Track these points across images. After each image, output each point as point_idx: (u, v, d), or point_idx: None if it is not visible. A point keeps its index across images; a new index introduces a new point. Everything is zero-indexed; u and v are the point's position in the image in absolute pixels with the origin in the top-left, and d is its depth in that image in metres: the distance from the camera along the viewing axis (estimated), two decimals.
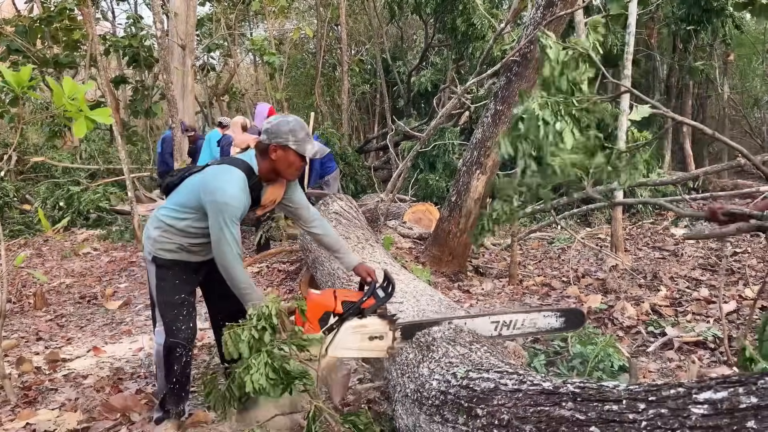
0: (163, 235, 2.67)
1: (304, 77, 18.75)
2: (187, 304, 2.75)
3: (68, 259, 7.34)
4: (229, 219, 2.48)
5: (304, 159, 2.66)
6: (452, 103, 6.46)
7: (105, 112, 3.53)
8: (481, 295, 5.19)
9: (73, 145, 13.48)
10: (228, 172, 2.56)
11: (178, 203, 2.67)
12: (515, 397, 1.91)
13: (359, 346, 2.64)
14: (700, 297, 4.68)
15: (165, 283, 2.70)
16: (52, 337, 4.52)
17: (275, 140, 2.58)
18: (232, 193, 2.49)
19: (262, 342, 2.30)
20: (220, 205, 2.47)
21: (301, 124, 2.65)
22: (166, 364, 2.71)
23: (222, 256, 2.53)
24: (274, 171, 2.65)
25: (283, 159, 2.61)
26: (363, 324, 2.64)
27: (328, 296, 2.66)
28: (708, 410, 1.30)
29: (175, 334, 2.69)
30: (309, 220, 2.94)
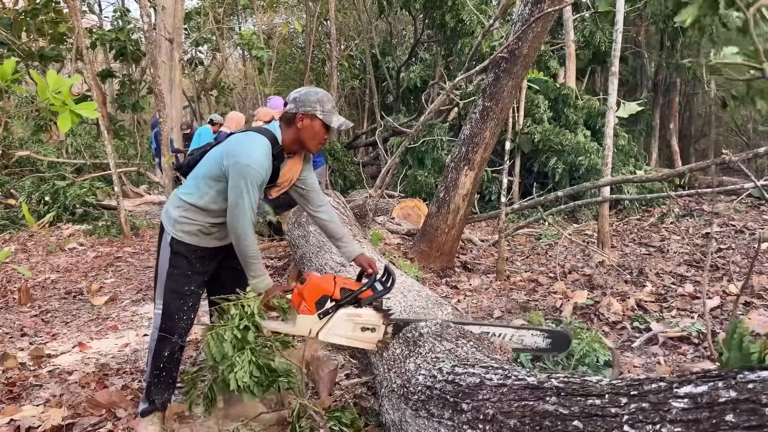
0: (184, 216, 2.64)
1: (293, 72, 18.70)
2: (194, 296, 2.73)
3: (54, 254, 7.27)
4: (251, 183, 2.46)
5: (329, 131, 2.66)
6: (441, 99, 6.46)
7: (90, 106, 3.50)
8: (468, 290, 5.21)
9: (58, 140, 13.34)
10: (253, 137, 2.56)
11: (200, 176, 2.64)
12: (500, 392, 1.93)
13: (350, 335, 2.64)
14: (685, 293, 4.73)
15: (178, 271, 2.67)
16: (36, 333, 4.48)
17: (303, 109, 2.58)
18: (256, 157, 2.47)
19: (246, 341, 2.31)
20: (242, 168, 2.45)
21: (328, 96, 2.65)
22: (156, 348, 2.70)
23: (235, 222, 2.51)
24: (299, 141, 2.64)
25: (309, 128, 2.60)
26: (358, 313, 2.64)
27: (328, 280, 2.66)
28: (688, 404, 1.32)
29: (173, 322, 2.67)
30: (317, 204, 2.92)
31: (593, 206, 8.12)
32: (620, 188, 8.76)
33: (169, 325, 2.67)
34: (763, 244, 5.88)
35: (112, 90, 17.33)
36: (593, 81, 14.30)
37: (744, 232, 6.93)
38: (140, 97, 14.17)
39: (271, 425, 2.84)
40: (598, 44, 11.85)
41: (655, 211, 8.96)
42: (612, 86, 6.28)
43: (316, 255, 4.67)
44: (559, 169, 9.27)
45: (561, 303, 4.65)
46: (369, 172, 12.39)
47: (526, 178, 9.78)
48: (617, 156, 9.41)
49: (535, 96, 9.80)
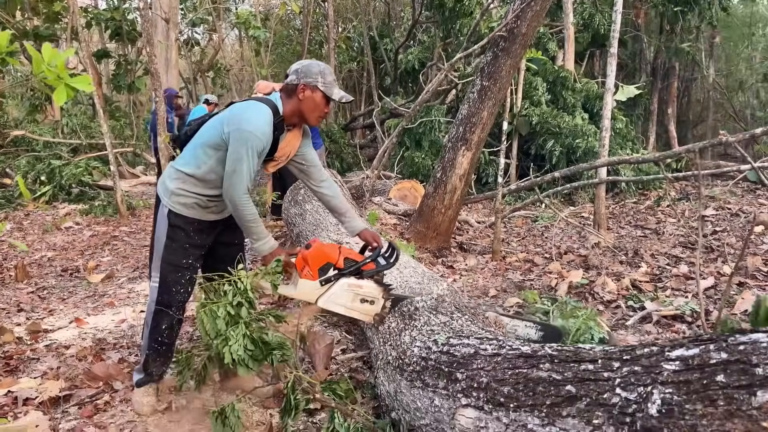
0: (181, 188, 2.61)
1: (290, 54, 18.55)
2: (191, 270, 2.71)
3: (50, 233, 7.26)
4: (251, 150, 2.44)
5: (329, 104, 2.65)
6: (439, 78, 6.43)
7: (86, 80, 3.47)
8: (464, 270, 5.23)
9: (54, 120, 13.27)
10: (256, 105, 2.54)
11: (198, 145, 2.61)
12: (494, 361, 1.95)
13: (350, 305, 2.65)
14: (679, 273, 4.76)
15: (175, 244, 2.64)
16: (33, 309, 4.49)
17: (305, 80, 2.56)
18: (258, 124, 2.46)
19: (239, 317, 2.31)
20: (244, 134, 2.43)
21: (330, 69, 2.64)
22: (154, 321, 2.68)
23: (231, 189, 2.49)
24: (299, 113, 2.62)
25: (310, 100, 2.59)
26: (359, 284, 2.65)
27: (333, 249, 2.66)
28: (679, 366, 1.34)
29: (171, 295, 2.65)
30: (319, 179, 2.89)
31: (590, 189, 8.13)
32: (617, 171, 8.77)
33: (166, 298, 2.65)
34: (758, 226, 5.90)
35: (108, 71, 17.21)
36: (592, 64, 14.24)
37: (739, 216, 6.96)
38: (136, 77, 14.08)
39: (267, 398, 2.87)
40: (597, 27, 11.79)
41: (652, 194, 8.98)
42: (611, 67, 6.25)
43: (313, 233, 4.67)
44: (557, 152, 9.26)
45: (556, 282, 4.68)
46: (366, 154, 12.37)
47: (524, 160, 9.77)
48: (614, 139, 9.40)
49: (533, 78, 9.77)
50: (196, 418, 2.67)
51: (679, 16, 12.24)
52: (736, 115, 16.00)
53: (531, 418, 1.63)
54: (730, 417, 1.18)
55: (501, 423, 1.72)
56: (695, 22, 12.85)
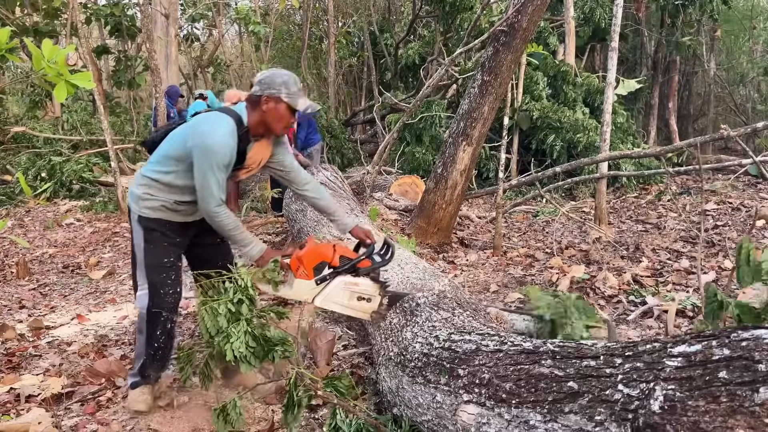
0: (148, 192, 2.61)
1: (290, 49, 18.51)
2: (175, 267, 2.70)
3: (51, 229, 7.27)
4: (216, 164, 2.44)
5: (295, 114, 2.62)
6: (439, 73, 6.42)
7: (86, 77, 3.47)
8: (465, 265, 5.23)
9: (54, 116, 13.26)
10: (217, 117, 2.52)
11: (163, 155, 2.61)
12: (496, 357, 1.95)
13: (346, 303, 2.65)
14: (680, 268, 4.75)
15: (153, 246, 2.64)
16: (35, 306, 4.50)
17: (268, 91, 2.54)
18: (220, 138, 2.45)
19: (240, 314, 2.31)
20: (207, 149, 2.43)
21: (294, 78, 2.61)
22: (148, 328, 2.66)
23: (204, 204, 2.50)
24: (264, 124, 2.60)
25: (274, 111, 2.56)
26: (355, 282, 2.65)
27: (328, 248, 2.66)
28: (682, 362, 1.34)
29: (161, 298, 2.64)
30: (302, 182, 2.89)
31: (591, 183, 8.12)
32: (618, 166, 8.76)
33: (157, 301, 2.63)
34: (759, 220, 5.90)
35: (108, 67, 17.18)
36: (592, 59, 14.20)
37: (741, 210, 6.95)
38: (136, 73, 14.05)
39: (269, 394, 2.87)
40: (597, 21, 11.75)
41: (653, 188, 8.97)
42: (611, 61, 6.24)
43: (314, 229, 4.68)
44: (557, 147, 9.25)
45: (557, 278, 4.68)
46: (367, 150, 12.34)
47: (524, 155, 9.76)
48: (615, 133, 9.38)
49: (534, 73, 9.74)
50: (199, 414, 2.68)
51: (679, 10, 12.21)
52: (737, 109, 15.97)
53: (533, 414, 1.63)
54: (732, 413, 1.18)
55: (503, 419, 1.73)
56: (696, 16, 12.83)
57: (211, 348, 2.45)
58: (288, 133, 7.48)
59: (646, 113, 14.06)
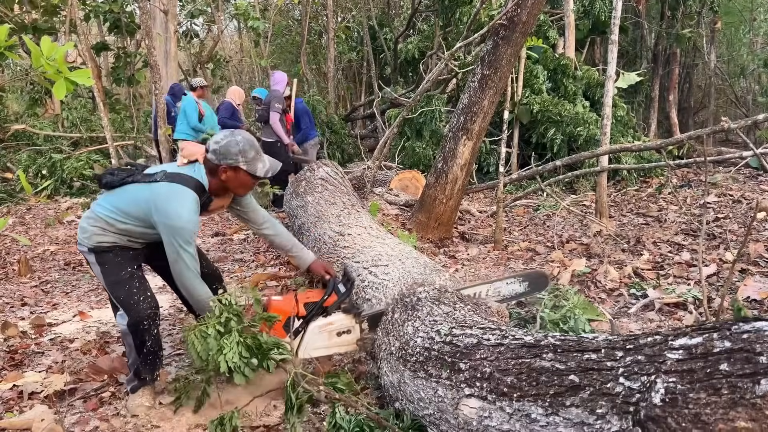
0: (101, 231, 2.61)
1: (289, 45, 18.47)
2: (136, 277, 2.69)
3: (52, 227, 7.27)
4: (185, 241, 2.48)
5: (257, 177, 2.64)
6: (439, 67, 6.40)
7: (85, 74, 3.46)
8: (466, 260, 5.23)
9: (54, 113, 13.25)
10: (180, 193, 2.50)
11: (120, 210, 2.59)
12: (497, 351, 1.95)
13: (328, 343, 2.69)
14: (681, 261, 4.75)
15: (108, 266, 2.64)
16: (37, 303, 4.51)
17: (225, 161, 2.55)
18: (188, 217, 2.47)
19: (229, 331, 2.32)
20: (176, 230, 2.45)
21: (250, 142, 2.60)
22: (135, 341, 2.66)
23: (181, 277, 2.54)
24: (225, 189, 2.65)
25: (234, 179, 2.60)
26: (329, 322, 2.69)
27: (289, 301, 2.70)
28: (683, 355, 1.34)
29: (135, 309, 2.62)
30: (259, 222, 2.95)
31: (591, 177, 8.11)
32: (619, 159, 8.74)
33: (133, 314, 2.63)
34: (760, 213, 5.89)
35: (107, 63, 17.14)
36: (592, 52, 14.16)
37: (741, 202, 6.94)
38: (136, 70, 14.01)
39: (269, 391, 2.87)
40: (597, 14, 11.70)
41: (653, 181, 8.96)
42: (611, 54, 6.22)
43: (315, 225, 4.68)
44: (558, 140, 9.23)
45: (558, 271, 4.68)
46: (367, 145, 12.33)
47: (524, 149, 9.74)
48: (616, 127, 9.36)
49: (534, 66, 9.72)
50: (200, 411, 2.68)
51: (679, 2, 12.17)
52: (737, 101, 15.93)
53: (534, 408, 1.63)
54: (734, 406, 1.18)
55: (504, 413, 1.73)
56: (696, 8, 12.78)
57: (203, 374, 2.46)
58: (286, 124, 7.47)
59: (646, 106, 14.02)
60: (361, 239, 4.11)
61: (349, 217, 4.62)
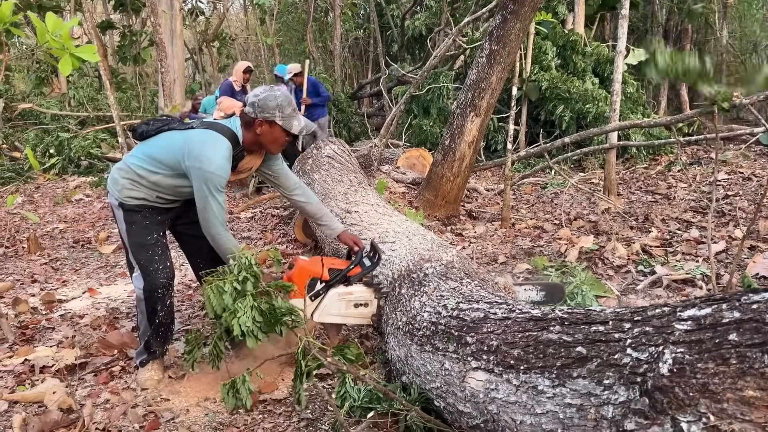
0: (132, 184, 2.61)
1: (295, 22, 18.31)
2: (160, 244, 2.70)
3: (61, 205, 7.31)
4: (215, 188, 2.46)
5: (290, 135, 2.63)
6: (446, 43, 6.33)
7: (90, 49, 3.45)
8: (473, 237, 5.22)
9: (60, 92, 13.24)
10: (215, 140, 2.50)
11: (154, 157, 2.59)
12: (504, 325, 1.95)
13: (344, 312, 2.69)
14: (690, 238, 4.73)
15: (135, 226, 2.65)
16: (47, 280, 4.55)
17: (261, 115, 2.54)
18: (219, 163, 2.46)
19: (245, 291, 2.33)
20: (207, 174, 2.44)
21: (288, 99, 2.60)
22: (147, 307, 2.68)
23: (208, 224, 2.53)
24: (259, 144, 2.64)
25: (269, 134, 2.59)
26: (349, 291, 2.69)
27: (315, 263, 2.70)
28: (691, 326, 1.33)
29: (153, 276, 2.63)
30: (290, 187, 2.92)
31: (600, 154, 8.05)
32: (628, 136, 8.66)
33: (149, 279, 2.64)
34: None
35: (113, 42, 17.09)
36: (602, 27, 13.96)
37: (752, 180, 6.88)
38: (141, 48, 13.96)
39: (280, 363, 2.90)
40: None
41: (663, 159, 8.88)
42: (621, 30, 6.13)
43: (321, 202, 4.67)
44: (567, 117, 9.14)
45: (566, 248, 4.66)
46: (374, 123, 12.27)
47: (533, 126, 9.66)
48: (625, 104, 9.26)
49: (542, 43, 9.60)
50: (209, 383, 2.71)
51: None
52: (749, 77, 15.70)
53: (541, 380, 1.63)
54: (742, 375, 1.18)
55: (511, 385, 1.74)
56: None
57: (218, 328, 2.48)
58: None
59: (656, 83, 13.85)
60: (368, 216, 4.10)
61: (356, 195, 4.60)
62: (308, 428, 2.39)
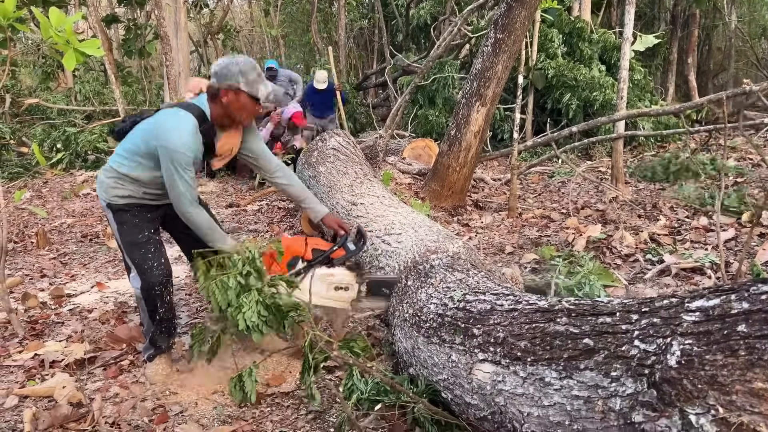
0: (116, 183, 2.61)
1: (299, 13, 18.24)
2: (153, 242, 2.69)
3: (68, 200, 7.35)
4: (180, 166, 2.43)
5: (258, 102, 2.54)
6: (451, 32, 6.29)
7: (94, 44, 3.45)
8: (480, 228, 5.21)
9: (66, 87, 13.27)
10: (178, 117, 2.48)
11: (131, 150, 2.59)
12: (511, 316, 1.94)
13: (324, 294, 2.66)
14: (698, 225, 4.69)
15: (126, 226, 2.65)
16: (56, 274, 4.57)
17: (226, 83, 2.47)
18: (182, 140, 2.43)
19: (249, 286, 2.33)
20: (170, 152, 2.41)
21: (251, 64, 2.53)
22: (148, 306, 2.68)
23: (177, 202, 2.51)
24: (227, 116, 2.56)
25: (235, 102, 2.50)
26: (330, 273, 2.66)
27: (299, 241, 2.68)
28: (699, 317, 1.32)
29: (148, 274, 2.63)
30: (271, 169, 2.87)
31: (607, 143, 8.00)
32: (635, 124, 8.59)
33: (146, 278, 2.64)
34: None
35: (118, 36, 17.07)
36: (609, 14, 13.82)
37: (761, 166, 6.81)
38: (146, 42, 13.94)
39: (288, 356, 2.91)
40: None
41: (671, 146, 8.81)
42: (628, 16, 6.07)
43: (327, 195, 4.67)
44: (573, 106, 9.08)
45: (573, 238, 4.64)
46: (379, 114, 12.24)
47: (539, 115, 9.60)
48: (632, 91, 9.18)
49: (548, 30, 9.51)
50: (217, 376, 2.72)
51: None
52: (758, 63, 15.55)
53: (548, 372, 1.63)
54: (751, 367, 1.17)
55: (518, 377, 1.73)
56: None
57: (222, 323, 2.48)
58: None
59: (664, 69, 13.73)
60: (374, 208, 4.09)
61: (362, 187, 4.59)
62: (316, 421, 2.40)
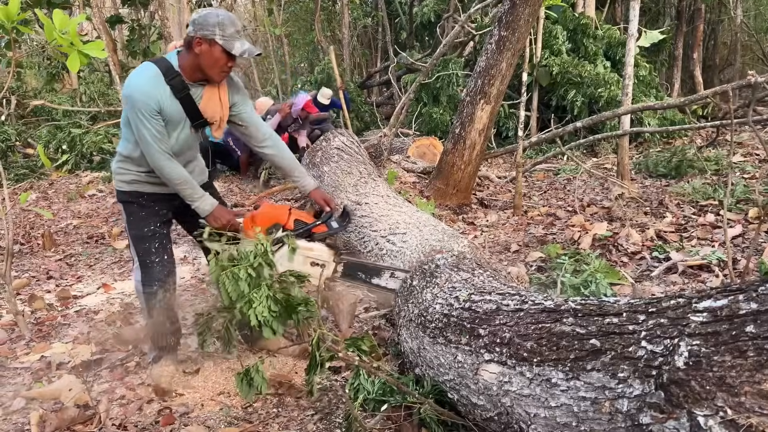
0: (121, 166, 2.60)
1: (303, 12, 18.23)
2: (159, 236, 2.65)
3: (74, 201, 7.36)
4: (141, 113, 2.35)
5: (232, 58, 2.44)
6: (455, 30, 6.27)
7: (98, 45, 3.46)
8: (485, 226, 5.20)
9: (71, 88, 13.31)
10: (142, 67, 2.45)
11: (122, 124, 2.58)
12: (517, 317, 1.94)
13: (300, 268, 2.60)
14: (705, 222, 4.66)
15: (133, 217, 2.63)
16: (62, 276, 4.59)
17: (201, 32, 2.36)
18: (138, 85, 2.37)
19: (261, 278, 2.33)
20: (129, 99, 2.37)
21: (231, 19, 2.42)
22: (147, 300, 2.67)
23: (149, 156, 2.45)
24: (198, 68, 2.44)
25: (207, 54, 2.38)
26: (309, 247, 2.61)
27: (283, 210, 2.64)
28: (707, 318, 1.31)
29: (149, 268, 2.62)
30: (260, 138, 2.74)
31: (613, 139, 7.96)
32: (641, 120, 8.55)
33: (145, 272, 2.63)
34: None
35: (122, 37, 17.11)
36: (613, 10, 13.75)
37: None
38: (150, 42, 13.97)
39: (294, 356, 2.91)
40: None
41: (676, 142, 8.76)
42: (633, 12, 6.03)
43: (332, 195, 4.66)
44: (578, 102, 9.04)
45: (579, 235, 4.62)
46: (383, 112, 12.22)
47: (544, 112, 9.57)
48: (638, 87, 9.13)
49: (553, 27, 9.48)
50: (224, 378, 2.72)
51: None
52: (764, 58, 15.44)
53: (555, 373, 1.62)
54: (760, 368, 1.16)
55: (524, 377, 1.72)
56: None
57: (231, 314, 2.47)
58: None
59: (669, 65, 13.65)
60: (378, 208, 4.09)
61: (366, 186, 4.59)
62: (322, 421, 2.40)
